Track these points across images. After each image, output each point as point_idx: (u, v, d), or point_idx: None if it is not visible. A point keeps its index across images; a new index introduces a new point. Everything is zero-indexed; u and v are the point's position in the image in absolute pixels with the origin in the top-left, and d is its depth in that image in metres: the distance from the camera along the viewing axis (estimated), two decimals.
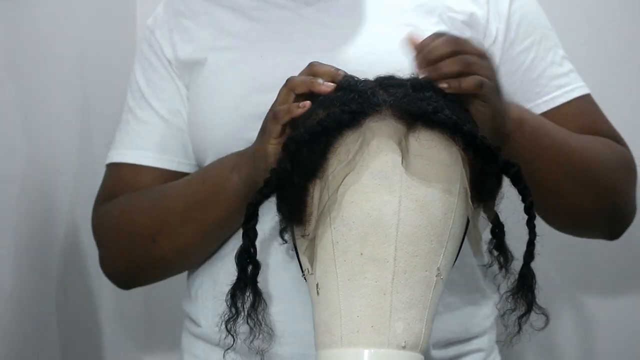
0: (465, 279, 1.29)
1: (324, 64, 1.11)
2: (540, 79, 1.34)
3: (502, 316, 1.14)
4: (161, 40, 1.38)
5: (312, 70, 1.11)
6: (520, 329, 1.14)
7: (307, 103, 1.08)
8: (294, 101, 1.10)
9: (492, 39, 1.32)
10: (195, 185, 1.27)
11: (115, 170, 1.38)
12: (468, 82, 1.08)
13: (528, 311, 1.12)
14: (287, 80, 1.11)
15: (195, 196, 1.25)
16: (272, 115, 1.11)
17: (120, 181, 1.37)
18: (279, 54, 1.29)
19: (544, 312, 1.14)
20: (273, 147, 1.11)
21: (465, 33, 1.28)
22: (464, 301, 1.29)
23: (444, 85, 1.08)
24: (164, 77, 1.37)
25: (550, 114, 1.33)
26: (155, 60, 1.38)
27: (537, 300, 1.12)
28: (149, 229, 1.29)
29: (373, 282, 1.01)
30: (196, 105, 1.34)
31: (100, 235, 1.37)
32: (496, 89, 1.13)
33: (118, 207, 1.34)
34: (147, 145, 1.36)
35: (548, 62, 1.35)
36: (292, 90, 1.10)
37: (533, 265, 1.11)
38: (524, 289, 1.11)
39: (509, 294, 1.12)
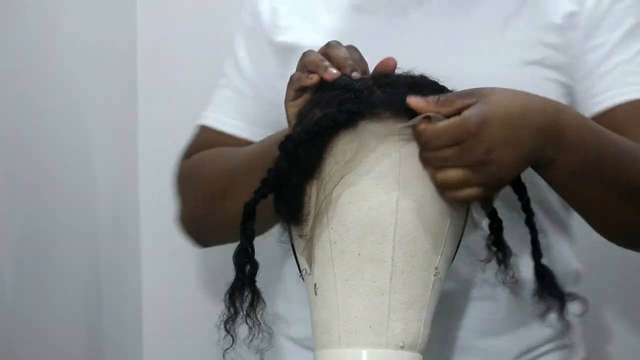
0: None
1: (341, 47, 1.11)
2: (612, 72, 1.26)
3: (541, 316, 1.15)
4: (264, 16, 1.39)
5: (326, 50, 1.11)
6: (567, 322, 1.15)
7: (315, 76, 1.09)
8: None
9: (575, 32, 1.27)
10: (259, 148, 1.28)
11: (205, 133, 1.43)
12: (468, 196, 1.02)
13: (563, 304, 1.13)
14: (303, 54, 1.12)
15: (257, 159, 1.25)
16: (289, 80, 1.13)
17: (207, 144, 1.41)
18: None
19: (580, 297, 1.15)
20: (289, 110, 1.12)
21: (564, 37, 1.26)
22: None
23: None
24: (265, 51, 1.38)
25: (617, 111, 1.25)
26: (258, 33, 1.39)
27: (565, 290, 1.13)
28: (220, 186, 1.32)
29: (371, 282, 1.01)
30: None
31: (179, 188, 1.43)
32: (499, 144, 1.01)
33: (198, 161, 1.39)
34: (239, 115, 1.40)
35: (626, 58, 1.27)
36: (304, 66, 1.11)
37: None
38: (550, 286, 1.12)
39: (535, 298, 1.13)
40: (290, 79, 1.13)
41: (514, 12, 1.27)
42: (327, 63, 1.09)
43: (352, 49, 1.12)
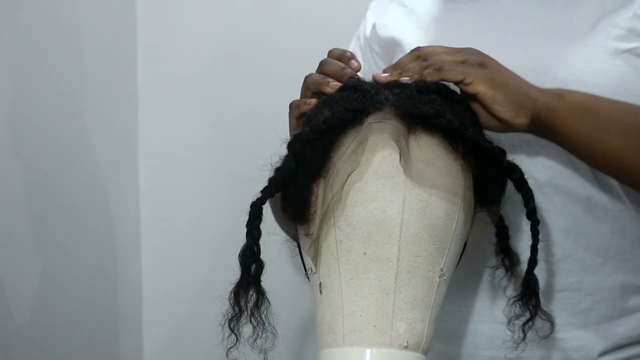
0: None
1: (333, 63, 1.13)
2: None
3: (508, 322, 1.14)
4: (368, 21, 1.42)
5: (322, 69, 1.13)
6: (524, 335, 1.14)
7: (313, 101, 1.11)
8: (310, 97, 1.13)
9: None
10: None
11: None
12: (427, 73, 1.07)
13: (532, 317, 1.12)
14: (304, 78, 1.14)
15: None
16: (289, 107, 1.14)
17: None
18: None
19: (549, 319, 1.14)
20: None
21: None
22: None
23: (404, 78, 1.08)
24: (367, 57, 1.42)
25: None
26: (362, 41, 1.43)
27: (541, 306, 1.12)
28: None
29: (376, 281, 1.01)
30: None
31: None
32: (485, 67, 1.08)
33: None
34: None
35: None
36: (307, 88, 1.13)
37: None
38: (528, 295, 1.11)
39: (514, 299, 1.13)
40: (290, 106, 1.14)
41: (613, 4, 1.26)
42: (328, 79, 1.11)
43: (343, 55, 1.14)
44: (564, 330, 1.26)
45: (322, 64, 1.14)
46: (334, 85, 1.09)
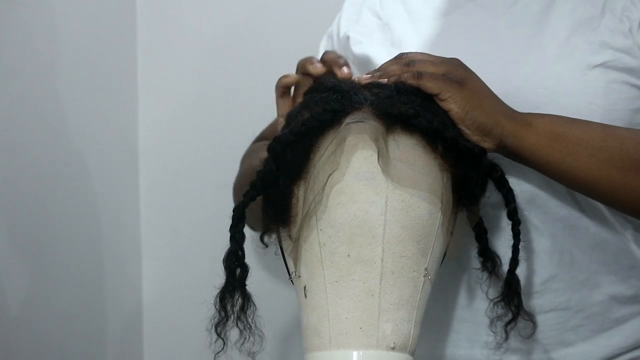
0: (635, 291, 1.26)
1: (334, 52, 1.20)
2: None
3: (490, 323, 1.13)
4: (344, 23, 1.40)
5: (323, 57, 1.20)
6: (507, 336, 1.13)
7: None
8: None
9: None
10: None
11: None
12: (406, 76, 1.07)
13: (514, 317, 1.12)
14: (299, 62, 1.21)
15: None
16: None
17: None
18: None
19: (531, 319, 1.14)
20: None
21: (634, 40, 1.21)
22: (633, 313, 1.27)
23: (384, 80, 1.08)
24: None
25: None
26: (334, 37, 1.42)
27: (523, 306, 1.12)
28: (241, 181, 1.35)
29: (361, 283, 1.01)
30: None
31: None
32: (463, 87, 1.08)
33: (247, 153, 1.43)
34: None
35: None
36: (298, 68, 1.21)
37: None
38: (510, 295, 1.11)
39: (496, 300, 1.12)
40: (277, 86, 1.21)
41: (581, 18, 1.23)
42: (314, 59, 1.15)
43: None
44: (556, 350, 1.25)
45: (325, 53, 1.21)
46: (317, 66, 1.15)
